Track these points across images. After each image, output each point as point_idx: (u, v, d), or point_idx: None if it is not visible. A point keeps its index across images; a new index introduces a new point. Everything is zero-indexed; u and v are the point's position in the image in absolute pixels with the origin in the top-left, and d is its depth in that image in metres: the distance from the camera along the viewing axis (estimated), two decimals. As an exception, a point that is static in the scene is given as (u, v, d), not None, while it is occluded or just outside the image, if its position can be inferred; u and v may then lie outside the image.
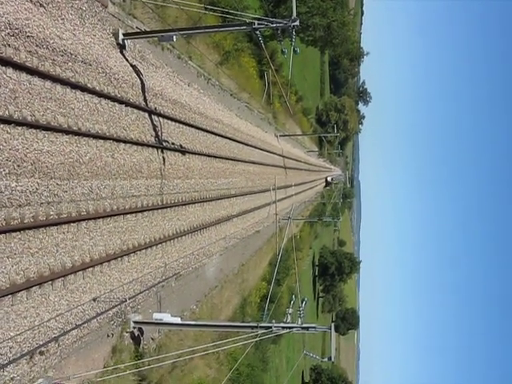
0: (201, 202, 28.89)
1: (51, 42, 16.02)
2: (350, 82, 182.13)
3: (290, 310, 21.58)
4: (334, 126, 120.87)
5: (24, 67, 14.42)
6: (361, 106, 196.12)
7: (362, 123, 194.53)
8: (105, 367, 17.69)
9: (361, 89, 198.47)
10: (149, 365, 19.03)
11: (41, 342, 14.25)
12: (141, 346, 20.54)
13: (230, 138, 36.97)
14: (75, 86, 17.05)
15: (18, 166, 13.77)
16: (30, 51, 14.95)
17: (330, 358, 20.73)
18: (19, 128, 13.96)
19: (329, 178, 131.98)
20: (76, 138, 16.81)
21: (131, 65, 22.06)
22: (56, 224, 15.28)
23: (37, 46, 15.29)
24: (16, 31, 14.35)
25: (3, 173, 13.19)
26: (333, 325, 19.49)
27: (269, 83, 55.00)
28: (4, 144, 13.33)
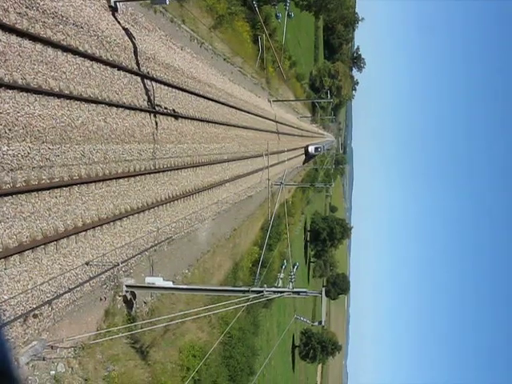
0: (193, 166, 28.86)
1: (41, 3, 15.78)
2: (345, 47, 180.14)
3: (282, 275, 21.82)
4: (328, 91, 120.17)
5: (14, 29, 14.22)
6: (355, 72, 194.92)
7: (355, 89, 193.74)
8: (98, 330, 17.89)
9: (355, 55, 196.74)
10: (141, 328, 19.25)
11: (34, 306, 14.36)
12: (133, 309, 20.73)
13: (222, 103, 36.77)
14: (66, 49, 16.85)
15: (9, 129, 13.68)
16: (19, 13, 14.73)
17: (320, 322, 21.08)
18: (10, 91, 13.83)
19: (310, 148, 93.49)
20: (68, 101, 16.68)
21: (123, 28, 21.80)
22: (48, 188, 15.25)
23: (27, 7, 15.06)
24: (5, -8, 14.13)
25: (-6, 136, 13.13)
26: (323, 290, 19.74)
27: (262, 48, 54.49)
28: (-5, 107, 13.24)
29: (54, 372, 15.17)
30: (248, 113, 46.02)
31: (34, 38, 15.14)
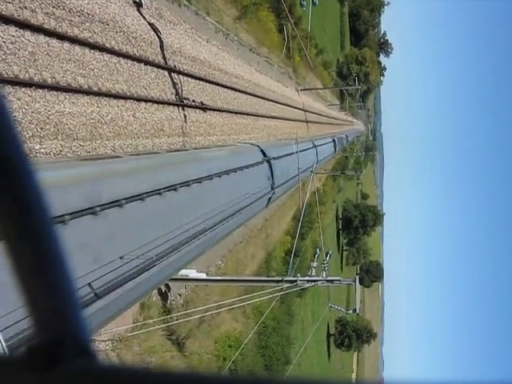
0: (223, 158, 28.93)
1: (67, 2, 15.96)
2: (371, 33, 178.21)
3: (315, 264, 21.80)
4: (355, 78, 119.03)
5: (42, 29, 14.43)
6: (382, 58, 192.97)
7: (383, 75, 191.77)
8: (134, 323, 18.12)
9: (382, 40, 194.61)
10: (177, 320, 19.45)
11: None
12: (168, 301, 20.94)
13: (250, 94, 36.78)
14: (94, 47, 17.04)
15: (41, 128, 13.90)
16: (46, 13, 14.92)
17: (354, 310, 21.03)
18: (40, 91, 14.05)
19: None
20: (97, 98, 16.87)
21: (149, 23, 21.92)
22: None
23: (53, 7, 15.25)
24: (32, -7, 14.32)
25: (27, 136, 13.34)
26: (357, 277, 19.68)
27: (288, 37, 54.27)
28: (26, 107, 13.45)
29: (92, 365, 15.41)
30: (276, 102, 45.95)
31: (62, 37, 15.34)
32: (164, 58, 22.84)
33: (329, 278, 19.37)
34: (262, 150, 19.22)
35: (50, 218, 0.86)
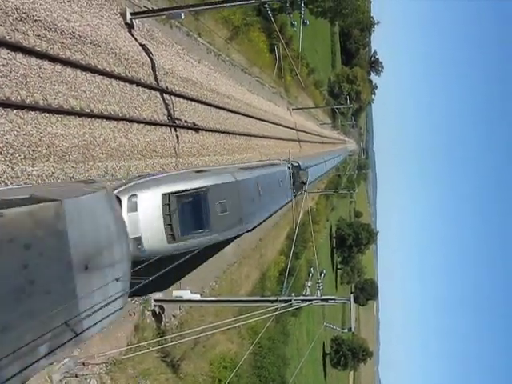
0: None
1: (59, 24, 16.00)
2: (362, 52, 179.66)
3: (309, 283, 21.68)
4: (347, 97, 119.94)
5: (33, 51, 14.44)
6: (373, 76, 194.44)
7: (374, 93, 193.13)
8: (128, 345, 17.95)
9: (372, 59, 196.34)
10: (171, 341, 19.28)
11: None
12: (162, 323, 20.79)
13: (242, 114, 36.87)
14: (85, 68, 17.06)
15: (33, 150, 13.86)
16: (38, 35, 14.95)
17: (350, 329, 20.88)
18: (32, 113, 14.03)
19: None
20: (89, 120, 16.87)
21: (140, 44, 22.01)
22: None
23: (45, 29, 15.29)
24: (23, 15, 14.36)
25: (19, 158, 13.30)
26: (352, 296, 19.55)
27: (279, 57, 54.58)
28: (18, 129, 13.42)
29: (86, 388, 15.25)
30: (268, 122, 46.07)
31: (54, 59, 15.36)
32: (156, 79, 22.90)
33: (323, 297, 19.27)
34: None
35: None
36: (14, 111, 13.39)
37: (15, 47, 13.73)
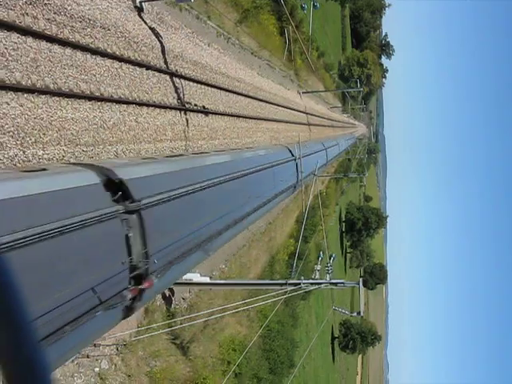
0: (225, 162, 28.94)
1: (69, 8, 16.00)
2: (372, 35, 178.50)
3: (318, 267, 21.77)
4: (357, 80, 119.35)
5: (43, 35, 14.47)
6: (384, 60, 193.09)
7: (385, 77, 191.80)
8: (138, 327, 18.13)
9: (383, 42, 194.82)
10: (181, 324, 19.46)
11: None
12: (172, 306, 20.95)
13: (252, 97, 36.81)
14: (95, 52, 17.08)
15: (44, 134, 13.93)
16: (48, 19, 14.96)
17: (359, 313, 20.93)
18: (43, 96, 14.08)
19: None
20: (99, 103, 16.91)
21: (150, 27, 21.97)
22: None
23: (55, 13, 15.29)
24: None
25: (30, 141, 13.37)
26: (361, 280, 19.59)
27: (289, 40, 54.34)
28: (29, 113, 13.48)
29: (98, 369, 15.45)
30: (278, 105, 45.98)
31: (64, 43, 15.37)
32: (166, 62, 22.88)
33: (332, 281, 19.31)
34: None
35: None
36: (25, 95, 13.44)
37: (25, 31, 13.75)
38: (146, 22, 21.69)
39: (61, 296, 5.69)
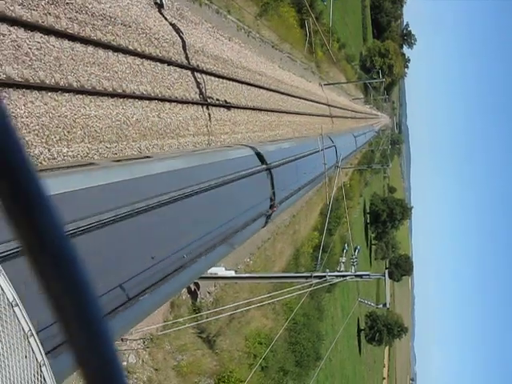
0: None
1: (90, 6, 16.13)
2: (393, 25, 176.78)
3: (343, 259, 21.73)
4: (379, 71, 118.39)
5: (66, 34, 14.61)
6: (405, 49, 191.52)
7: (407, 67, 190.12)
8: (164, 321, 18.27)
9: (404, 31, 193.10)
10: (207, 318, 19.57)
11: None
12: (198, 300, 21.06)
13: (274, 90, 36.78)
14: (117, 49, 17.20)
15: (68, 132, 14.08)
16: (70, 18, 15.10)
17: (384, 305, 20.89)
18: (66, 95, 14.22)
19: None
20: (121, 100, 17.03)
21: (170, 23, 22.05)
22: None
23: (76, 12, 15.43)
24: (55, -1, 14.51)
25: (54, 139, 13.52)
26: (387, 271, 19.53)
27: (310, 32, 54.11)
28: (53, 112, 13.63)
29: (125, 363, 15.62)
30: (300, 98, 45.89)
31: (86, 41, 15.51)
32: (187, 57, 22.95)
33: (358, 273, 19.28)
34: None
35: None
36: (49, 94, 13.59)
37: (48, 31, 13.90)
38: (166, 18, 21.77)
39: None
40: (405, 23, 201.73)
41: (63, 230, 0.83)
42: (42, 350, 3.78)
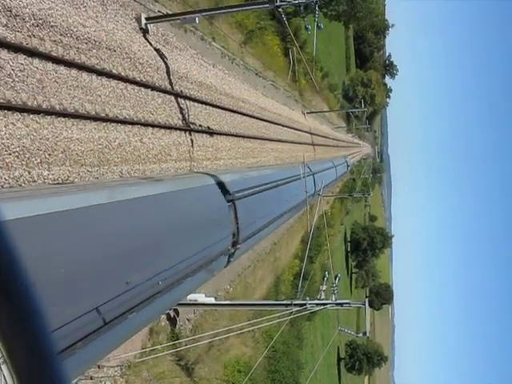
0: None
1: (75, 30, 16.13)
2: (376, 55, 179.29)
3: (324, 287, 21.62)
4: (361, 100, 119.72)
5: (50, 57, 14.57)
6: (387, 79, 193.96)
7: (389, 96, 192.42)
8: (143, 348, 18.02)
9: (387, 62, 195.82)
10: (185, 345, 19.31)
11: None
12: (177, 326, 20.83)
13: (257, 118, 36.93)
14: (101, 73, 17.18)
15: (49, 154, 13.97)
16: (54, 40, 15.08)
17: (364, 334, 20.77)
18: (48, 117, 14.14)
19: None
20: (104, 124, 16.97)
21: (155, 49, 22.12)
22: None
23: (61, 35, 15.42)
24: (40, 21, 14.48)
25: (35, 162, 13.40)
26: (367, 300, 19.46)
27: (294, 60, 54.64)
28: (34, 134, 13.53)
29: (101, 391, 15.32)
30: (282, 126, 46.10)
31: (69, 64, 15.48)
32: (170, 83, 23.00)
33: (338, 302, 19.19)
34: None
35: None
36: (31, 116, 13.50)
37: (32, 53, 13.86)
38: (151, 44, 21.85)
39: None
40: (387, 54, 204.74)
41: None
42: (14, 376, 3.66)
